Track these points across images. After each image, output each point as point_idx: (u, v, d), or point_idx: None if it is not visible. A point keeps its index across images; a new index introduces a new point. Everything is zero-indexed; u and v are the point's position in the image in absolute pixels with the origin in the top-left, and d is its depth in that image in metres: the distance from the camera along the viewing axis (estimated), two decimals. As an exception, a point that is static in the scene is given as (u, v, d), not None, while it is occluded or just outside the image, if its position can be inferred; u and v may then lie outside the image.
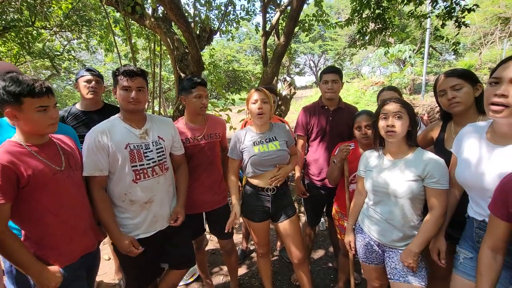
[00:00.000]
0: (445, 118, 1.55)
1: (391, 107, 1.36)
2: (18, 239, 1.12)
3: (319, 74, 2.23)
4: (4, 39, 7.29)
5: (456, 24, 3.85)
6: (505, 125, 1.04)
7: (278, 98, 2.66)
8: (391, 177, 1.39)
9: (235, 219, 1.77)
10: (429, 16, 4.51)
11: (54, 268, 1.18)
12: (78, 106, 2.07)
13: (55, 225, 1.20)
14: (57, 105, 1.24)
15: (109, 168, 1.44)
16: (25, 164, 1.11)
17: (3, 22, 6.50)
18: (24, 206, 1.14)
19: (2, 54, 7.83)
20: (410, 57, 11.69)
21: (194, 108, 1.83)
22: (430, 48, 11.97)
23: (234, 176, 1.88)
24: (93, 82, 2.01)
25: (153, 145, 1.53)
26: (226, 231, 1.76)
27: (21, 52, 8.05)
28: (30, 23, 6.55)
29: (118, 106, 1.61)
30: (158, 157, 1.54)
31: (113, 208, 1.50)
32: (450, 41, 4.31)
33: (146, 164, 1.50)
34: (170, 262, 1.74)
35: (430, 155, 1.36)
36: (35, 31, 7.17)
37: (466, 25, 3.93)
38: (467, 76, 1.37)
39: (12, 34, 6.97)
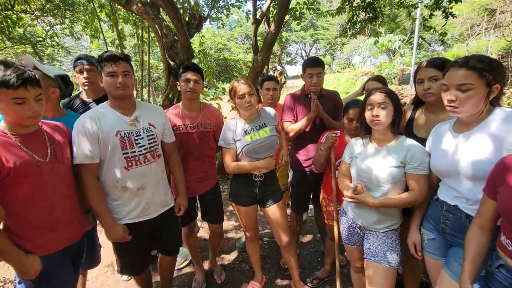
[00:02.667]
0: (417, 104, 1.64)
1: (376, 97, 1.42)
2: None
3: (301, 65, 2.25)
4: (-18, 23, 6.92)
5: (444, 14, 3.92)
6: (464, 117, 1.18)
7: (279, 84, 2.74)
8: (374, 163, 1.45)
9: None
10: (418, 6, 4.55)
11: (33, 256, 1.17)
12: (82, 96, 2.02)
13: (36, 217, 1.19)
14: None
15: (100, 156, 1.44)
16: (7, 155, 1.08)
17: (-21, 5, 6.15)
18: (4, 197, 1.12)
19: (-21, 39, 7.44)
20: (399, 47, 11.79)
21: (183, 92, 1.85)
22: (420, 38, 12.09)
23: (232, 160, 1.84)
24: (85, 73, 1.92)
25: (144, 132, 1.53)
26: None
27: (1, 38, 7.67)
28: (9, 6, 6.22)
29: None
30: (149, 144, 1.54)
31: (105, 195, 1.50)
32: (438, 32, 4.39)
33: (138, 151, 1.49)
34: (159, 249, 1.78)
35: (411, 142, 1.42)
36: (14, 15, 6.82)
37: (453, 16, 3.99)
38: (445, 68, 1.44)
39: (-11, 18, 6.61)
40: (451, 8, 3.86)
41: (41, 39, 8.42)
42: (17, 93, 1.07)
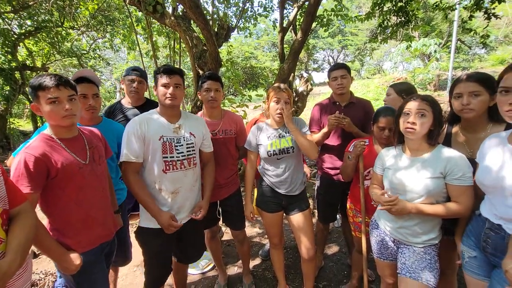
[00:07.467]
0: (451, 122, 1.51)
1: (416, 104, 1.33)
2: (43, 225, 1.20)
3: (327, 73, 2.20)
4: (36, 39, 7.78)
5: (486, 16, 3.65)
6: None
7: (294, 94, 2.68)
8: (408, 175, 1.38)
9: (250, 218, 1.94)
10: (456, 8, 4.29)
11: (74, 253, 1.25)
12: (123, 102, 2.23)
13: (77, 215, 1.28)
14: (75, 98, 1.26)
15: (143, 156, 1.55)
16: (55, 157, 1.19)
17: (35, 23, 6.92)
18: (50, 195, 1.22)
19: (34, 53, 8.36)
20: (435, 51, 11.13)
21: (204, 101, 1.92)
22: (458, 41, 11.34)
23: (251, 168, 1.94)
24: (136, 83, 2.14)
25: (184, 140, 1.63)
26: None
27: (52, 52, 8.55)
28: (60, 23, 6.93)
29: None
30: (187, 151, 1.63)
31: None
32: (479, 34, 4.08)
33: (176, 157, 1.59)
34: (179, 257, 1.84)
35: (451, 151, 1.33)
36: (64, 31, 7.58)
37: (497, 17, 3.70)
38: (488, 83, 1.30)
39: (43, 34, 7.42)
40: (493, 8, 3.59)
41: (85, 52, 9.25)
42: (51, 92, 1.18)
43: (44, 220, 1.25)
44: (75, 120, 1.28)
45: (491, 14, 3.60)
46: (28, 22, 7.09)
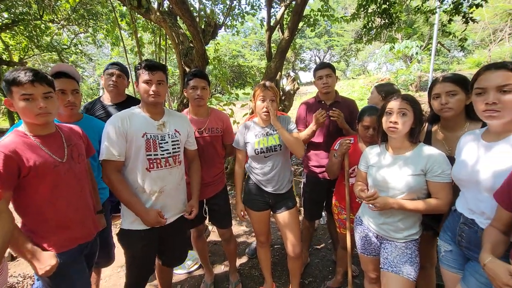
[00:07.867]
0: (431, 121, 1.59)
1: (397, 103, 1.38)
2: (16, 224, 1.14)
3: (312, 72, 2.24)
4: (13, 32, 7.41)
5: (464, 20, 3.80)
6: (498, 125, 1.11)
7: (281, 93, 2.69)
8: (391, 173, 1.42)
9: (241, 216, 1.93)
10: (436, 12, 4.45)
11: (49, 253, 1.19)
12: (103, 98, 2.15)
13: (52, 215, 1.22)
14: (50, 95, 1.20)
15: (125, 154, 1.49)
16: (27, 155, 1.13)
17: (12, 15, 6.60)
18: (23, 194, 1.16)
19: (11, 47, 7.96)
20: (417, 53, 11.51)
21: (191, 99, 1.89)
22: (438, 44, 11.76)
23: (240, 168, 1.94)
24: (114, 76, 2.05)
25: (169, 137, 1.58)
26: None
27: (30, 46, 8.17)
28: (38, 16, 6.62)
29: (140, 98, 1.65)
30: (172, 149, 1.59)
31: None
32: (458, 38, 4.25)
33: (160, 155, 1.54)
34: (163, 260, 1.80)
35: (432, 149, 1.38)
36: (43, 25, 7.26)
37: (474, 21, 3.87)
38: (463, 83, 1.39)
39: (20, 27, 7.07)
40: (471, 13, 3.75)
41: (66, 46, 8.90)
42: (24, 89, 1.13)
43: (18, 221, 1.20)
44: (50, 118, 1.22)
45: (469, 18, 3.75)
46: (5, 15, 6.75)
